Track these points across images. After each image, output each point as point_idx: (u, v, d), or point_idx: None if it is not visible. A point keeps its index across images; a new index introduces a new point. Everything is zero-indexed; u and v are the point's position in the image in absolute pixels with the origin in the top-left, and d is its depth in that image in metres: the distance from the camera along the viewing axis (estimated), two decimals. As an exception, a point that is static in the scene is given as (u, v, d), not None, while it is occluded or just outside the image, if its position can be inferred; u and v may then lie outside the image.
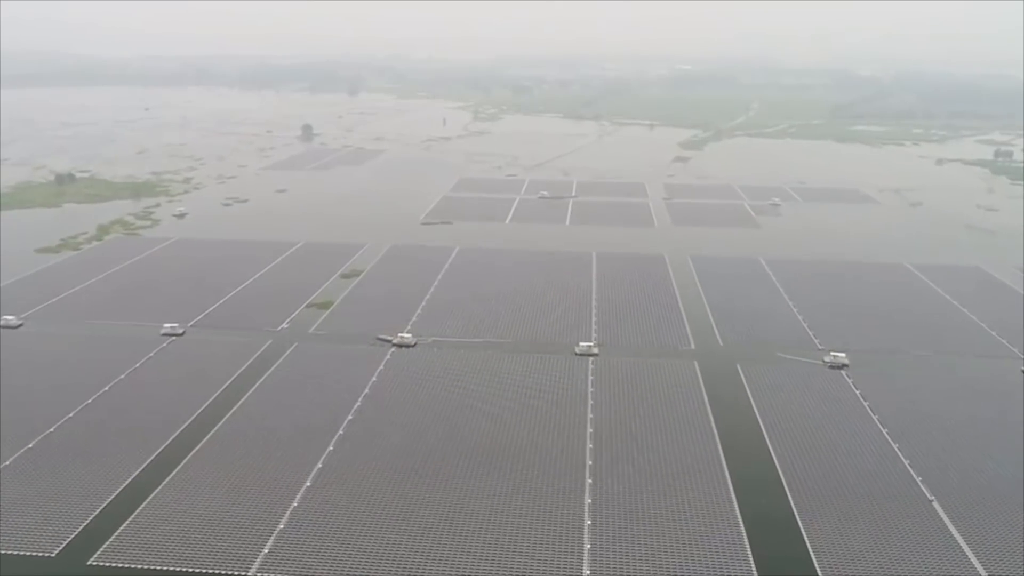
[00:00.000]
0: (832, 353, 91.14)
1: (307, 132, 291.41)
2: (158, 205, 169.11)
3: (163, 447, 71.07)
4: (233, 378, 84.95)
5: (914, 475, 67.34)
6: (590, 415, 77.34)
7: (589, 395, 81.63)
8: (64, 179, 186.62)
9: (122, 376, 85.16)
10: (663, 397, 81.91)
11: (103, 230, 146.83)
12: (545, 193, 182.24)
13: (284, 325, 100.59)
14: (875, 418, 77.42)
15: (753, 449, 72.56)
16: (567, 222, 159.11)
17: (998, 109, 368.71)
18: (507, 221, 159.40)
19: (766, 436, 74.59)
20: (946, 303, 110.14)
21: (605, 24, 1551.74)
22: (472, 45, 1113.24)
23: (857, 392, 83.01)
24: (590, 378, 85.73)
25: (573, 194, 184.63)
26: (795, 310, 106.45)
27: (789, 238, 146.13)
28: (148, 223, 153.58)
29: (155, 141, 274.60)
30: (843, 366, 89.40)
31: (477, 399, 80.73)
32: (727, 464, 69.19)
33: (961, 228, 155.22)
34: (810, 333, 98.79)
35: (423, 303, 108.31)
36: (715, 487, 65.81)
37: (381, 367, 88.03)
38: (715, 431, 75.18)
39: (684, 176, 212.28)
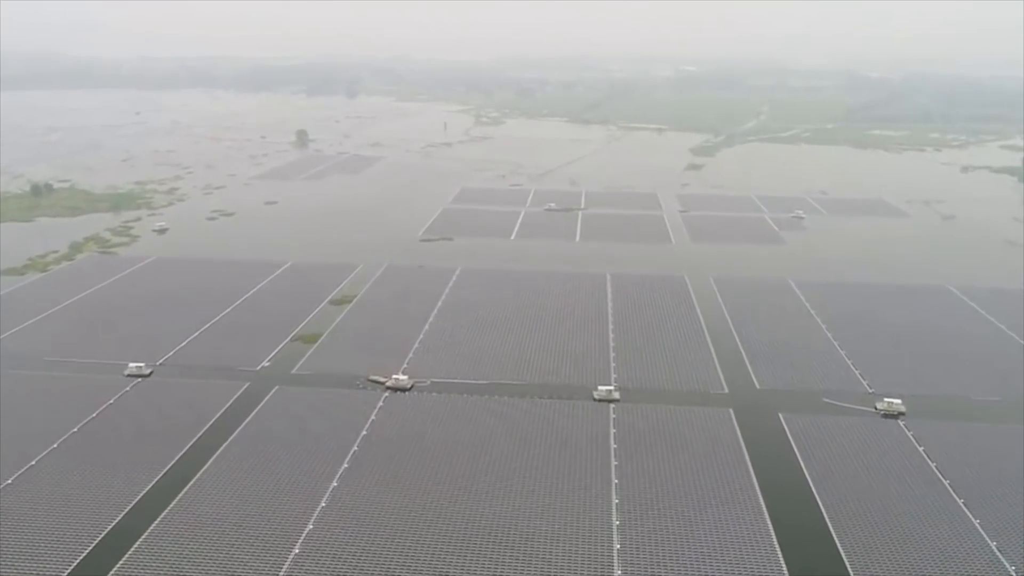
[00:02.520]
0: (886, 399, 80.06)
1: (302, 138, 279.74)
2: (138, 219, 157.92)
3: (117, 521, 60.42)
4: (203, 432, 73.95)
5: (1006, 563, 56.25)
6: (615, 480, 66.34)
7: (612, 452, 70.60)
8: (40, 190, 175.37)
9: (75, 429, 74.17)
10: (697, 452, 71.03)
11: (76, 248, 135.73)
12: (552, 205, 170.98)
13: (265, 363, 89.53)
14: (947, 483, 66.40)
15: (805, 519, 62.19)
16: (577, 238, 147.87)
17: (1014, 112, 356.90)
18: (512, 237, 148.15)
19: (820, 503, 63.98)
20: (1001, 334, 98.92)
21: (605, 24, 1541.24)
22: (473, 46, 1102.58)
23: (920, 449, 71.94)
24: (612, 431, 74.70)
25: (582, 206, 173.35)
26: (836, 344, 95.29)
27: (818, 256, 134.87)
28: (126, 240, 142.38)
29: (143, 147, 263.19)
30: (899, 414, 78.40)
31: (484, 456, 69.79)
32: (776, 537, 58.99)
33: (1000, 244, 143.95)
34: (856, 372, 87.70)
35: (421, 335, 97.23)
36: (764, 564, 55.82)
37: (373, 417, 76.98)
38: (760, 496, 64.62)
39: (698, 185, 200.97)
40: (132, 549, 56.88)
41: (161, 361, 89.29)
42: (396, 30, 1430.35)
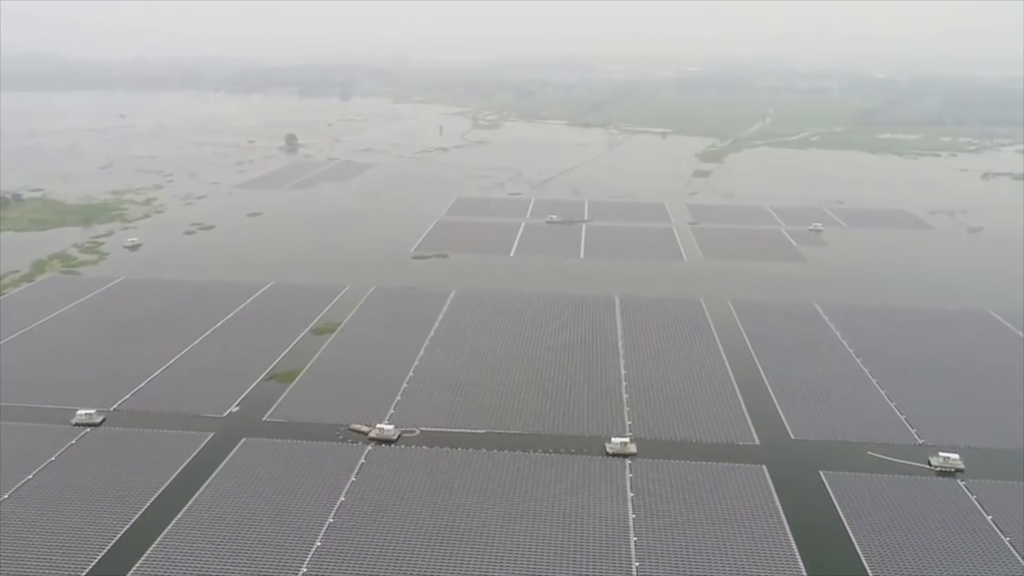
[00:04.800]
0: (941, 453, 69.88)
1: (291, 142, 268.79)
2: (110, 233, 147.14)
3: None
4: (154, 499, 63.54)
5: None
6: (636, 563, 56.03)
7: (631, 525, 60.25)
8: (7, 201, 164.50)
9: (5, 496, 63.70)
10: (728, 520, 60.99)
11: (38, 267, 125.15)
12: (554, 217, 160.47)
13: (233, 408, 79.06)
14: (1024, 564, 56.23)
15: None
16: (581, 254, 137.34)
17: (1021, 114, 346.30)
18: (511, 253, 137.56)
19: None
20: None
21: (605, 24, 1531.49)
22: (471, 46, 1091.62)
23: (988, 517, 61.69)
24: (629, 495, 64.37)
25: (585, 217, 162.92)
26: (875, 382, 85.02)
27: (842, 275, 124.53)
28: (93, 257, 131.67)
29: (123, 153, 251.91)
30: (957, 471, 68.25)
31: (480, 528, 59.43)
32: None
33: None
34: (902, 418, 77.42)
35: (410, 372, 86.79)
36: None
37: (353, 477, 66.61)
38: (804, 573, 54.69)
39: (708, 194, 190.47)
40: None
41: (116, 406, 78.83)
42: (395, 30, 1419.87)
